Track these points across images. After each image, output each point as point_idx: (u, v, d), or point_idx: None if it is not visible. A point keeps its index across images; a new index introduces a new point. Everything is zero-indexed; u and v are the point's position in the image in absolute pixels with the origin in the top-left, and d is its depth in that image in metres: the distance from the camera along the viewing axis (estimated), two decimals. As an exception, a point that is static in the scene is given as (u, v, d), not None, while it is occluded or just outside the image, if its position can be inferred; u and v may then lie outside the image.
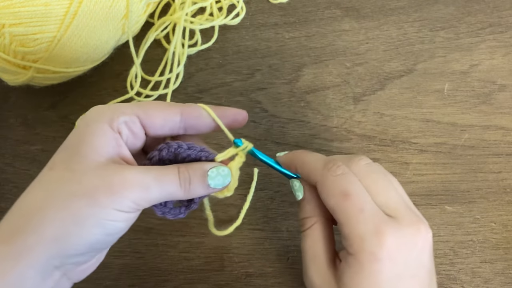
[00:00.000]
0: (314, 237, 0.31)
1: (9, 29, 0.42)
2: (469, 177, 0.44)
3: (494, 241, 0.42)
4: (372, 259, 0.27)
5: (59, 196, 0.26)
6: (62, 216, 0.25)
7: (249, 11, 0.55)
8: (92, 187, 0.26)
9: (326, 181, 0.29)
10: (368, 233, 0.27)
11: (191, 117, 0.31)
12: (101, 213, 0.26)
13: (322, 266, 0.30)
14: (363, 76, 0.50)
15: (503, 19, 0.51)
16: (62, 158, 0.28)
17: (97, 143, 0.27)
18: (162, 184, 0.28)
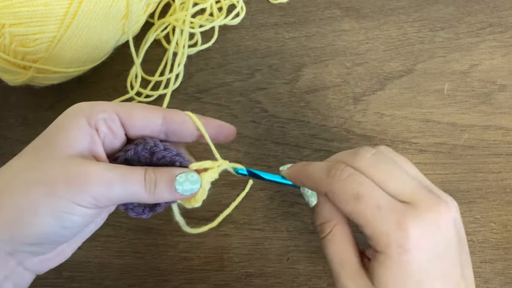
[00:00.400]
0: (338, 241, 0.30)
1: (9, 29, 0.42)
2: (469, 177, 0.44)
3: (494, 241, 0.42)
4: (401, 251, 0.27)
5: (19, 182, 0.26)
6: (17, 202, 0.26)
7: (249, 11, 0.55)
8: (53, 177, 0.26)
9: (334, 189, 0.29)
10: (391, 229, 0.27)
11: (173, 122, 0.30)
12: (58, 204, 0.26)
13: (353, 270, 0.29)
14: (363, 76, 0.50)
15: (503, 19, 0.51)
16: (34, 147, 0.28)
17: (71, 136, 0.27)
18: (126, 183, 0.27)
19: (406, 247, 0.27)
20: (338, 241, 0.30)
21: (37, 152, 0.28)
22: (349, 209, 0.28)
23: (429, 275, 0.27)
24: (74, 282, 0.43)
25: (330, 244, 0.30)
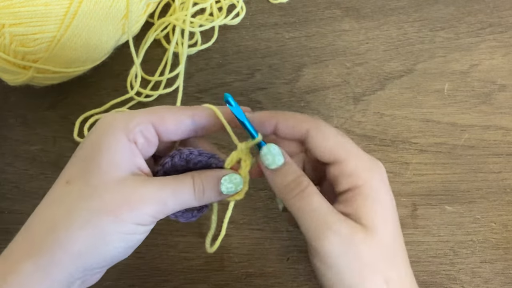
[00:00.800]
0: (318, 194, 0.29)
1: (9, 29, 0.42)
2: (469, 177, 0.44)
3: (494, 241, 0.42)
4: (383, 178, 0.30)
5: (83, 213, 0.27)
6: (87, 233, 0.26)
7: (249, 11, 0.55)
8: (115, 204, 0.27)
9: (321, 124, 0.30)
10: (373, 161, 0.30)
11: (202, 119, 0.31)
12: (124, 228, 0.27)
13: (339, 216, 0.28)
14: (363, 76, 0.50)
15: (503, 19, 0.51)
16: (79, 171, 0.28)
17: (115, 156, 0.28)
18: (178, 197, 0.29)
19: (385, 175, 0.30)
20: (317, 192, 0.29)
21: (86, 178, 0.27)
22: (333, 142, 0.30)
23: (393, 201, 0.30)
24: (74, 282, 0.43)
25: (313, 195, 0.29)
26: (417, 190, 0.44)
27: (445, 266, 0.41)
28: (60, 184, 0.28)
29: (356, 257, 0.27)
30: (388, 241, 0.29)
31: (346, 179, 0.29)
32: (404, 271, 0.29)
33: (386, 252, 0.28)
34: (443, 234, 0.42)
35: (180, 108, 0.31)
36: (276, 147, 0.30)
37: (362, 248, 0.28)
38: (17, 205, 0.47)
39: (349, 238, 0.27)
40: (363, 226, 0.28)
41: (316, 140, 0.30)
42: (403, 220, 0.43)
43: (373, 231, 0.28)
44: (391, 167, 0.45)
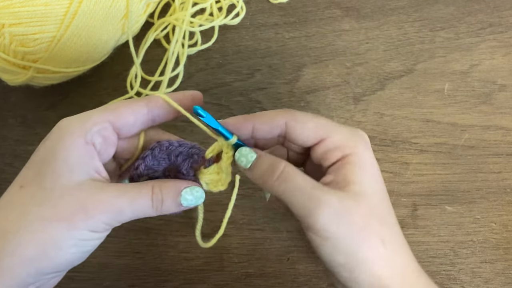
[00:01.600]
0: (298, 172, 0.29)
1: (9, 29, 0.42)
2: (469, 177, 0.44)
3: (494, 241, 0.42)
4: (367, 144, 0.31)
5: (35, 219, 0.26)
6: (39, 239, 0.26)
7: (249, 11, 0.55)
8: (68, 210, 0.26)
9: (296, 113, 0.31)
10: (354, 131, 0.31)
11: (156, 107, 0.31)
12: (78, 235, 0.27)
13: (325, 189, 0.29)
14: (363, 76, 0.49)
15: (503, 19, 0.51)
16: (34, 175, 0.27)
17: (70, 159, 0.27)
18: (135, 206, 0.28)
19: (369, 145, 0.31)
20: (298, 171, 0.29)
21: (40, 182, 0.27)
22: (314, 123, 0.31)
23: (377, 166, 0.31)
24: (74, 283, 0.43)
25: (294, 175, 0.29)
26: (417, 190, 0.44)
27: (445, 266, 0.41)
28: (14, 188, 0.28)
29: (350, 224, 0.28)
30: (377, 202, 0.29)
31: (333, 153, 0.30)
32: (396, 229, 0.30)
33: (377, 213, 0.29)
34: (443, 234, 0.42)
35: (134, 99, 0.31)
36: (247, 148, 0.31)
37: (354, 213, 0.28)
38: (17, 205, 0.47)
39: (340, 208, 0.28)
40: (352, 192, 0.29)
41: (296, 129, 0.31)
42: (403, 220, 0.43)
43: (362, 195, 0.29)
44: (391, 167, 0.45)
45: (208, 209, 0.44)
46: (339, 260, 0.28)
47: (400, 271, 0.29)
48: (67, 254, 0.27)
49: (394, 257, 0.29)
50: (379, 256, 0.28)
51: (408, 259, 0.30)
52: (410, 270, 0.30)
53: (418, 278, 0.30)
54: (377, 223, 0.29)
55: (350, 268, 0.28)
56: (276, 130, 0.31)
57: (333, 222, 0.28)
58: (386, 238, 0.29)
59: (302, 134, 0.31)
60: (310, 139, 0.31)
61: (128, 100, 0.31)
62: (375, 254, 0.28)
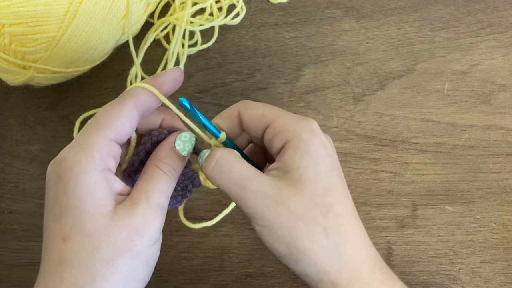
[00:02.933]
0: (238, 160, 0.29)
1: (9, 29, 0.42)
2: (469, 177, 0.44)
3: (494, 241, 0.42)
4: (313, 130, 0.29)
5: (100, 265, 0.26)
6: (115, 282, 0.26)
7: (249, 11, 0.55)
8: (123, 243, 0.26)
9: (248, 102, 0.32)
10: (301, 117, 0.30)
11: (144, 102, 0.30)
12: (142, 257, 0.27)
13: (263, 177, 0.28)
14: (363, 76, 0.50)
15: (503, 19, 0.51)
16: (70, 226, 0.26)
17: (96, 197, 0.26)
18: (164, 191, 0.29)
19: (316, 132, 0.29)
20: (238, 161, 0.29)
21: (80, 229, 0.26)
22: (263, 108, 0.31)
23: (332, 154, 0.30)
24: (74, 282, 0.43)
25: (232, 165, 0.29)
26: (417, 190, 0.44)
27: (445, 266, 0.41)
28: (57, 244, 0.26)
29: (286, 212, 0.27)
30: (321, 190, 0.28)
31: (277, 138, 0.29)
32: (345, 219, 0.28)
33: (320, 202, 0.27)
34: (443, 234, 0.42)
35: (120, 104, 0.29)
36: (208, 150, 0.30)
37: (291, 202, 0.27)
38: (17, 205, 0.47)
39: (276, 196, 0.27)
40: (291, 179, 0.27)
41: (246, 115, 0.31)
42: (403, 220, 0.43)
43: (302, 183, 0.27)
44: (391, 167, 0.45)
45: (208, 209, 0.45)
46: (281, 250, 0.28)
47: (350, 265, 0.27)
48: (142, 281, 0.27)
49: (341, 250, 0.27)
50: (321, 247, 0.27)
51: (362, 252, 0.28)
52: (365, 264, 0.28)
53: (372, 272, 0.28)
54: (319, 212, 0.27)
55: (294, 259, 0.27)
56: (234, 120, 0.31)
57: (270, 210, 0.27)
58: (331, 228, 0.27)
59: (251, 120, 0.31)
60: (259, 126, 0.30)
61: (117, 107, 0.29)
62: (316, 245, 0.27)
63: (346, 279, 0.27)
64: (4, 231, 0.46)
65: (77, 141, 0.28)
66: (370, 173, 0.45)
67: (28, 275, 0.44)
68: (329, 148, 0.30)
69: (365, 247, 0.29)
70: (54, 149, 0.49)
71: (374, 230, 0.43)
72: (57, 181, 0.27)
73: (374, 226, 0.43)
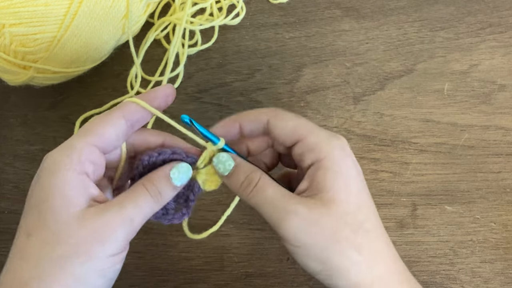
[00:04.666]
0: (271, 183, 0.30)
1: (9, 29, 0.42)
2: (469, 177, 0.44)
3: (494, 241, 0.42)
4: (345, 149, 0.30)
5: (54, 263, 0.26)
6: (63, 281, 0.26)
7: (249, 11, 0.55)
8: (82, 245, 0.26)
9: (279, 111, 0.32)
10: (333, 135, 0.30)
11: (132, 115, 0.30)
12: (99, 265, 0.26)
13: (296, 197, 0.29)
14: (363, 76, 0.50)
15: (503, 19, 0.51)
16: (36, 220, 0.27)
17: (67, 196, 0.27)
18: (141, 209, 0.28)
19: (347, 150, 0.30)
20: (271, 182, 0.30)
21: (44, 225, 0.26)
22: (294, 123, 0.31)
23: (361, 172, 0.31)
24: (74, 282, 0.43)
25: (266, 187, 0.29)
26: (417, 190, 0.44)
27: (445, 266, 0.41)
28: (21, 239, 0.27)
29: (319, 232, 0.28)
30: (352, 209, 0.29)
31: (308, 155, 0.30)
32: (374, 235, 0.29)
33: (351, 221, 0.28)
34: (443, 234, 0.42)
35: (109, 113, 0.30)
36: (225, 154, 0.31)
37: (323, 221, 0.28)
38: (17, 205, 0.47)
39: (308, 216, 0.28)
40: (323, 200, 0.28)
41: (276, 126, 0.31)
42: (403, 220, 0.43)
43: (334, 203, 0.28)
44: (391, 167, 0.45)
45: (208, 209, 0.45)
46: (314, 267, 0.29)
47: (381, 279, 0.29)
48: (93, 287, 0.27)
49: (372, 264, 0.28)
50: (354, 263, 0.28)
51: (390, 266, 0.30)
52: (393, 277, 0.29)
53: (400, 284, 0.29)
54: (350, 230, 0.28)
55: (327, 275, 0.28)
56: (260, 127, 0.32)
57: (302, 231, 0.28)
58: (362, 245, 0.28)
59: (281, 132, 0.31)
60: (289, 139, 0.31)
61: (105, 117, 0.30)
62: (349, 261, 0.28)
63: None
64: (4, 231, 0.46)
65: (62, 144, 0.29)
66: (370, 173, 0.45)
67: (28, 275, 0.44)
68: (358, 166, 0.30)
69: (394, 261, 0.30)
70: (54, 149, 0.49)
71: (374, 230, 0.43)
72: (36, 178, 0.28)
73: (374, 226, 0.43)
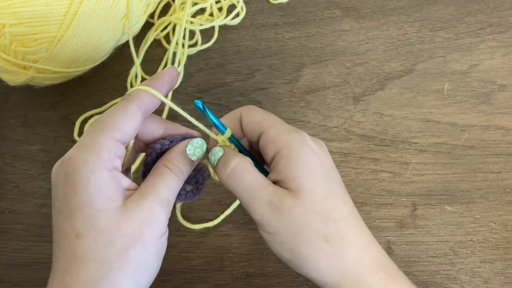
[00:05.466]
0: (249, 171, 0.30)
1: (10, 29, 0.42)
2: (469, 177, 0.44)
3: (494, 241, 0.42)
4: (304, 139, 0.30)
5: (113, 259, 0.27)
6: (127, 272, 0.27)
7: (249, 11, 0.55)
8: (134, 235, 0.27)
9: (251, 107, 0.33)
10: (293, 128, 0.31)
11: (147, 104, 0.31)
12: (152, 247, 0.28)
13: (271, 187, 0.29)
14: (363, 76, 0.50)
15: (503, 19, 0.51)
16: (82, 222, 0.27)
17: (108, 194, 0.27)
18: (171, 189, 0.30)
19: (306, 141, 0.30)
20: (250, 169, 0.30)
21: (93, 225, 0.27)
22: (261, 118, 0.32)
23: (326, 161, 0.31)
24: (74, 282, 0.43)
25: (244, 173, 0.30)
26: (417, 190, 0.44)
27: (445, 266, 0.41)
28: (71, 241, 0.27)
29: (290, 222, 0.29)
30: (320, 198, 0.29)
31: (269, 146, 0.30)
32: (344, 224, 0.29)
33: (320, 209, 0.29)
34: (443, 234, 0.42)
35: (125, 106, 0.30)
36: (217, 148, 0.32)
37: (293, 211, 0.28)
38: (17, 205, 0.47)
39: (280, 205, 0.29)
40: (291, 189, 0.29)
41: (245, 120, 0.32)
42: (402, 219, 0.43)
43: (301, 192, 0.29)
44: (391, 167, 0.45)
45: (208, 209, 0.45)
46: (285, 256, 0.29)
47: (353, 268, 0.29)
48: (153, 271, 0.29)
49: (343, 254, 0.28)
50: (323, 253, 0.28)
51: (364, 254, 0.29)
52: (367, 265, 0.29)
53: (375, 273, 0.29)
54: (319, 220, 0.28)
55: (298, 264, 0.29)
56: (237, 124, 0.33)
57: (275, 219, 0.29)
58: (331, 234, 0.28)
59: (248, 125, 0.32)
60: (254, 132, 0.32)
61: (122, 109, 0.30)
62: (318, 251, 0.28)
63: (349, 281, 0.28)
64: (4, 231, 0.46)
65: (84, 142, 0.29)
66: (370, 173, 0.45)
67: (28, 274, 0.44)
68: (322, 155, 0.31)
69: (368, 249, 0.30)
70: (54, 149, 0.50)
71: (374, 230, 0.43)
72: (65, 180, 0.28)
73: (374, 226, 0.43)
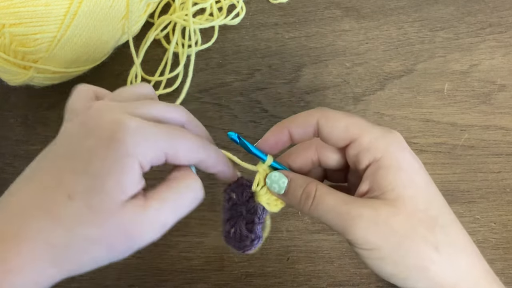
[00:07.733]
0: (329, 192, 0.28)
1: (9, 29, 0.42)
2: (469, 177, 0.44)
3: (494, 241, 0.42)
4: (401, 143, 0.29)
5: (79, 239, 0.25)
6: (80, 259, 0.26)
7: (249, 11, 0.55)
8: (110, 235, 0.26)
9: (328, 111, 0.31)
10: (386, 131, 0.29)
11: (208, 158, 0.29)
12: (115, 257, 0.27)
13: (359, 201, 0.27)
14: (363, 76, 0.50)
15: (503, 19, 0.51)
16: (84, 189, 0.26)
17: (124, 182, 0.26)
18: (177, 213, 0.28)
19: (404, 145, 0.29)
20: (329, 191, 0.29)
21: (89, 198, 0.25)
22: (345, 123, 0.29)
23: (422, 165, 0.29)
24: (74, 282, 0.43)
25: (325, 196, 0.28)
26: (417, 190, 0.44)
27: (445, 266, 0.41)
28: (61, 196, 0.26)
29: (390, 232, 0.26)
30: (423, 205, 0.27)
31: (364, 155, 0.28)
32: (452, 230, 0.28)
33: (424, 217, 0.27)
34: (443, 234, 0.42)
35: (196, 140, 0.28)
36: (276, 173, 0.31)
37: (392, 221, 0.26)
38: (17, 205, 0.47)
39: (375, 217, 0.26)
40: (388, 200, 0.27)
41: (327, 126, 0.30)
42: (403, 220, 0.43)
43: (401, 201, 0.27)
44: (391, 167, 0.45)
45: (210, 209, 0.45)
46: (388, 270, 0.27)
47: (467, 278, 0.27)
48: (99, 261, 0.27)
49: (454, 262, 0.27)
50: (433, 263, 0.26)
51: (476, 264, 0.28)
52: (481, 275, 0.28)
53: (490, 285, 0.28)
54: (423, 228, 0.26)
55: (403, 277, 0.27)
56: (309, 129, 0.30)
57: (371, 233, 0.26)
58: (440, 242, 0.26)
59: (332, 133, 0.29)
60: (341, 140, 0.29)
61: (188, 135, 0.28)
62: (427, 261, 0.26)
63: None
64: (4, 231, 0.46)
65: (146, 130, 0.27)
66: (370, 173, 0.45)
67: (28, 275, 0.44)
68: (418, 159, 0.29)
69: (478, 258, 0.28)
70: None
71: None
72: (107, 146, 0.26)
73: (374, 226, 0.43)
